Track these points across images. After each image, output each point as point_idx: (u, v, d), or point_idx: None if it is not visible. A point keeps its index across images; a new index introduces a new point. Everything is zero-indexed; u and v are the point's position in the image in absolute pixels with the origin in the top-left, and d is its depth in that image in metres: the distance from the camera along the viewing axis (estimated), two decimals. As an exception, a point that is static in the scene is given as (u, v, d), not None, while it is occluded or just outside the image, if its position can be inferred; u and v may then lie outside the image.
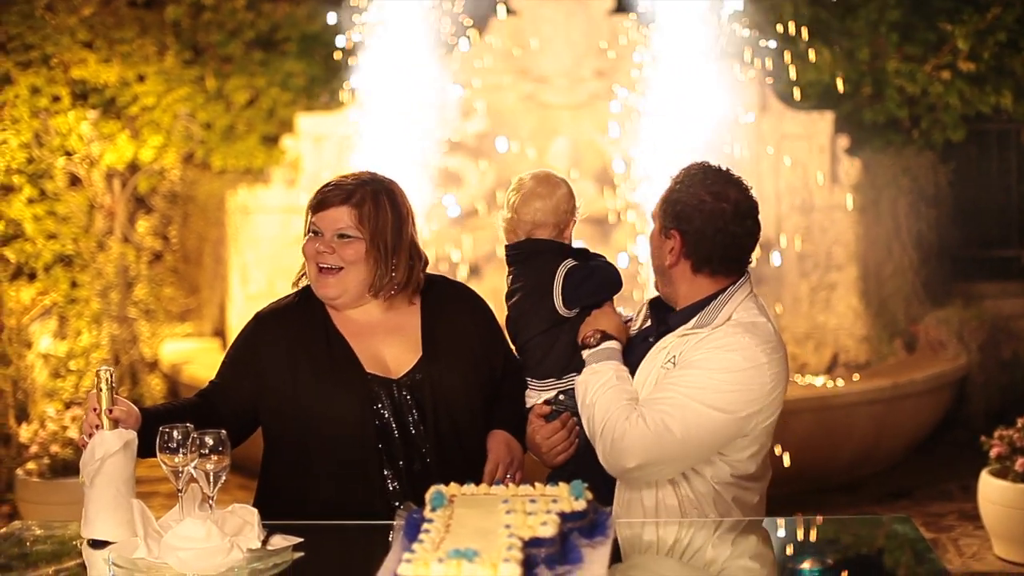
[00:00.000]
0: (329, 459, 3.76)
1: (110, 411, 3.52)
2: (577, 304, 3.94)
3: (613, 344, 3.85)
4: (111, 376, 3.55)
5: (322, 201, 3.79)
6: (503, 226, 4.07)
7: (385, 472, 3.75)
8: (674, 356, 3.73)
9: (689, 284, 3.82)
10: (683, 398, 3.63)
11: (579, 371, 3.90)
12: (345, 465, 3.75)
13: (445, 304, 3.99)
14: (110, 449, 3.49)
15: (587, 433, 3.77)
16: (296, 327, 3.85)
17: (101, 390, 3.52)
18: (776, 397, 3.73)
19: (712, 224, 3.75)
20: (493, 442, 3.94)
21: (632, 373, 3.82)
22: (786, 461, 7.37)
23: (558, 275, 3.93)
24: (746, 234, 3.81)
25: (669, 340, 3.78)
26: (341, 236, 3.77)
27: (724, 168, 3.85)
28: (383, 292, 3.84)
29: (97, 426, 3.51)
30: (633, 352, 3.89)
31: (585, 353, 3.86)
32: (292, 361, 3.80)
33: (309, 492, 3.77)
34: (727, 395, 3.64)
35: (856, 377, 8.91)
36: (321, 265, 3.80)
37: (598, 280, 3.98)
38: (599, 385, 3.75)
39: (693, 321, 3.77)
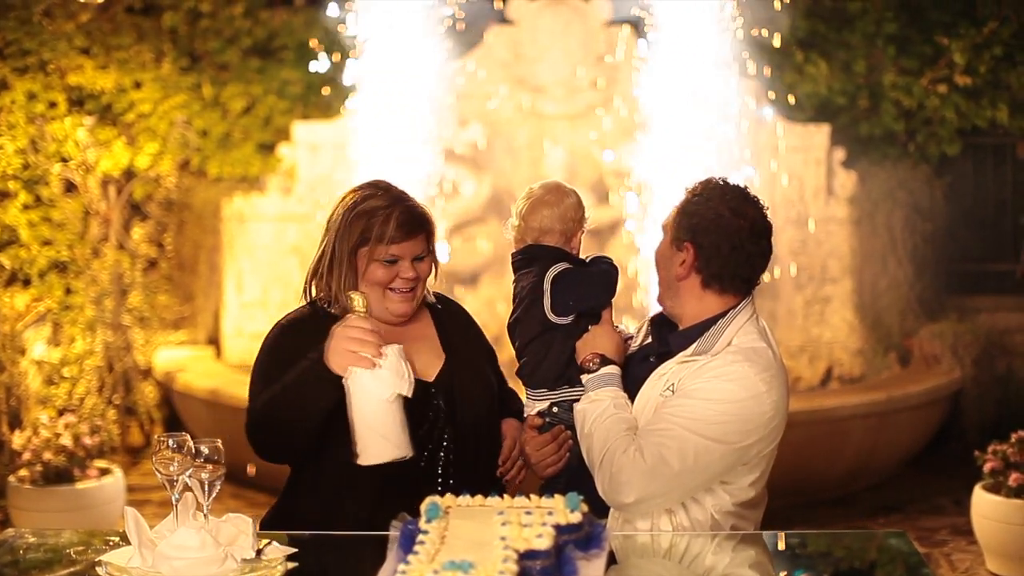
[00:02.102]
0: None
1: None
2: (565, 311, 3.90)
3: (612, 369, 3.83)
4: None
5: (398, 235, 3.77)
6: (512, 235, 4.07)
7: (423, 474, 3.77)
8: (673, 384, 3.71)
9: (697, 299, 3.80)
10: (680, 430, 3.60)
11: (572, 383, 3.89)
12: (388, 467, 3.72)
13: (451, 315, 4.07)
14: (404, 371, 3.59)
15: (587, 463, 3.74)
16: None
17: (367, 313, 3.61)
18: (776, 425, 3.72)
19: (728, 240, 3.74)
20: (509, 426, 4.01)
21: (631, 390, 3.80)
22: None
23: (547, 279, 3.91)
24: (760, 254, 3.79)
25: (669, 367, 3.76)
26: (416, 258, 3.83)
27: (743, 186, 3.84)
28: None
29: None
30: (632, 371, 3.87)
31: (584, 378, 3.84)
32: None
33: (346, 501, 3.73)
34: (725, 426, 3.62)
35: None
36: (401, 290, 3.82)
37: (588, 285, 3.92)
38: (597, 415, 3.73)
39: (693, 347, 3.75)
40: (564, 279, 3.90)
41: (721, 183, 3.82)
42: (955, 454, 8.78)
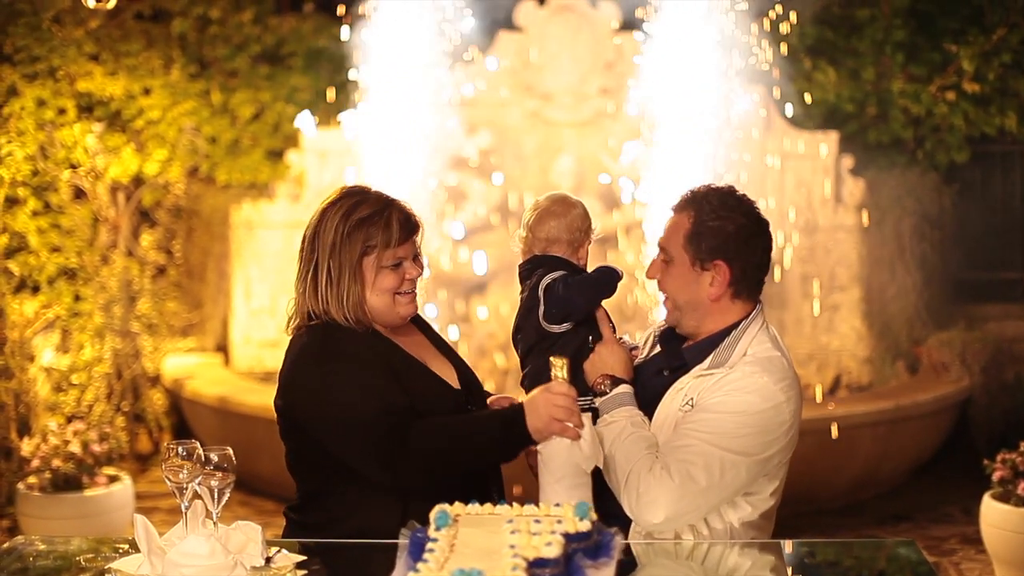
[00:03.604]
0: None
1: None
2: (552, 319, 3.87)
3: (624, 388, 3.79)
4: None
5: (400, 237, 3.74)
6: (520, 246, 4.07)
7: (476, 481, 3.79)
8: (692, 398, 3.70)
9: (722, 313, 3.80)
10: (705, 445, 3.59)
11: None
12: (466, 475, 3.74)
13: (421, 318, 4.03)
14: (598, 442, 3.60)
15: (609, 484, 3.69)
16: (376, 351, 3.73)
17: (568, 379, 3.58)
18: (794, 433, 3.74)
19: (758, 247, 3.78)
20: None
21: (646, 405, 3.78)
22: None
23: (540, 287, 3.90)
24: (770, 250, 3.86)
25: (686, 381, 3.75)
26: (414, 257, 3.80)
27: (733, 187, 3.85)
28: None
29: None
30: (645, 386, 3.85)
31: (598, 402, 3.79)
32: (399, 381, 3.72)
33: (416, 513, 3.47)
34: (748, 438, 3.62)
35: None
36: (408, 291, 3.79)
37: (572, 292, 3.87)
38: (615, 436, 3.69)
39: (708, 360, 3.74)
40: (554, 287, 3.88)
41: (720, 192, 3.81)
42: (964, 463, 8.76)
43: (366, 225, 3.71)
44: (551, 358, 3.60)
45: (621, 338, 3.99)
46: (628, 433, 3.68)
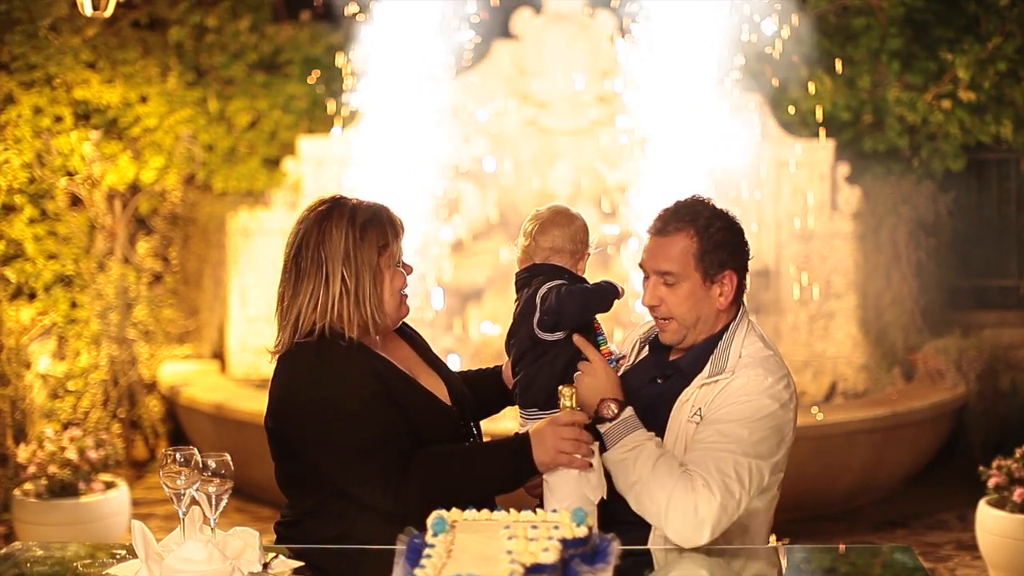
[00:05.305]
0: None
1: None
2: (543, 327, 3.83)
3: (631, 411, 3.72)
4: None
5: (396, 239, 3.73)
6: (519, 255, 4.04)
7: None
8: (699, 409, 3.71)
9: (722, 320, 3.84)
10: (732, 455, 3.60)
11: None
12: None
13: (406, 331, 4.00)
14: (603, 474, 3.63)
15: (640, 511, 3.63)
16: (371, 371, 3.66)
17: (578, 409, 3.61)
18: (795, 426, 3.79)
19: (747, 247, 3.84)
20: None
21: (640, 413, 3.73)
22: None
23: (538, 295, 3.89)
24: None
25: (691, 392, 3.75)
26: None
27: (698, 195, 3.88)
28: None
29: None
30: (639, 394, 3.83)
31: (604, 427, 3.71)
32: (395, 401, 3.68)
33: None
34: (766, 440, 3.65)
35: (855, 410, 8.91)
36: (406, 288, 3.78)
37: (565, 301, 3.79)
38: (643, 460, 3.62)
39: (707, 368, 3.76)
40: (549, 295, 3.87)
41: (699, 203, 3.83)
42: (959, 469, 8.77)
43: (374, 226, 3.68)
44: (560, 387, 3.62)
45: (610, 352, 3.96)
46: (657, 456, 3.62)
